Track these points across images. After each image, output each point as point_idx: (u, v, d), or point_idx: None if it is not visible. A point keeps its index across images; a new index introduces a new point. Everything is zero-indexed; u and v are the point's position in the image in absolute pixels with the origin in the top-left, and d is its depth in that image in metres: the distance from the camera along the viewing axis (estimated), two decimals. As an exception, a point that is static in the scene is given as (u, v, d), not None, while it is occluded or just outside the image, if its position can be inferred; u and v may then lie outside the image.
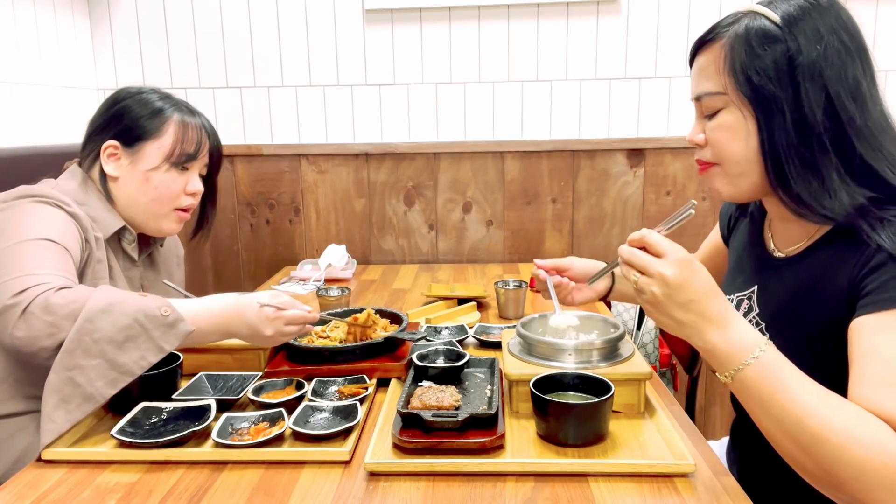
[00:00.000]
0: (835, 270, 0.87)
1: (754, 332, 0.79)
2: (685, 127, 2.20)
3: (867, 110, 0.85)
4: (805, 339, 0.89)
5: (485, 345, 1.34)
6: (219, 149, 1.41)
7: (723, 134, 0.91)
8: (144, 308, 0.99)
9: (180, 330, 1.01)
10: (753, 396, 0.78)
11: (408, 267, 2.26)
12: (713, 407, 2.36)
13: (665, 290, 0.78)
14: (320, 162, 2.29)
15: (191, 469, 0.89)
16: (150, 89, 1.35)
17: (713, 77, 0.91)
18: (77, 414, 0.95)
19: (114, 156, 1.29)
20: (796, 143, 0.85)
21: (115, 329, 0.96)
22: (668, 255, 0.79)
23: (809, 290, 0.91)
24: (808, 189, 0.86)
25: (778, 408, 0.76)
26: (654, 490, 0.82)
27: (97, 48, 2.25)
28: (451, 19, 2.18)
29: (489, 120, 2.24)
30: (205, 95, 2.26)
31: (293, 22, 2.21)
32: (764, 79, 0.86)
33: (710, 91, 0.91)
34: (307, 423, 0.97)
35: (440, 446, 0.89)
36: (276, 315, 1.08)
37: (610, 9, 2.15)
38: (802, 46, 0.84)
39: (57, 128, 2.04)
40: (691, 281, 0.78)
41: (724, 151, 0.92)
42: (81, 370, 0.95)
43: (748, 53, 0.87)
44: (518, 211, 2.29)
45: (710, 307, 0.78)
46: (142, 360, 0.98)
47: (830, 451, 0.72)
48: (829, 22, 0.86)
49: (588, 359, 1.03)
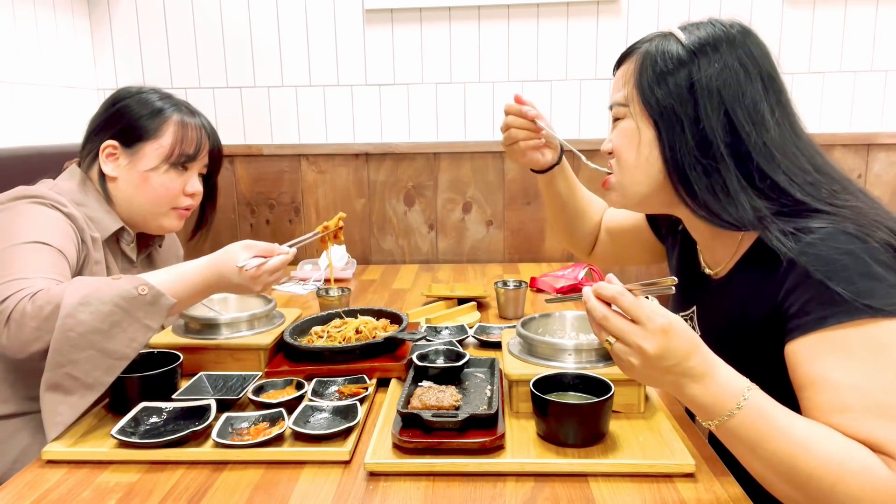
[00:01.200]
0: (759, 291, 0.88)
1: (736, 378, 0.77)
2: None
3: (766, 129, 0.88)
4: (743, 359, 0.86)
5: (485, 345, 1.34)
6: (219, 149, 1.40)
7: (621, 140, 0.97)
8: (122, 292, 0.99)
9: (162, 305, 1.02)
10: (742, 442, 0.76)
11: (408, 267, 2.26)
12: (713, 407, 2.36)
13: (644, 360, 0.76)
14: (320, 162, 2.29)
15: (191, 469, 0.89)
16: (150, 89, 1.34)
17: (622, 88, 0.96)
18: (81, 404, 0.96)
19: (112, 156, 1.29)
20: (697, 155, 0.89)
21: (97, 319, 0.96)
22: (646, 325, 0.75)
23: (740, 311, 0.92)
24: (714, 197, 0.89)
25: (769, 452, 0.74)
26: (654, 490, 0.82)
27: (97, 48, 2.25)
28: (451, 19, 2.18)
29: (489, 120, 2.24)
30: (205, 95, 2.26)
31: (293, 22, 2.21)
32: (665, 95, 0.90)
33: (618, 101, 0.97)
34: (307, 423, 0.97)
35: (440, 446, 0.89)
36: (258, 272, 1.11)
37: (610, 9, 2.15)
38: (702, 69, 0.89)
39: (57, 128, 2.04)
40: (670, 349, 0.74)
41: (618, 156, 0.98)
42: (75, 364, 0.96)
43: (653, 70, 0.92)
44: (518, 211, 2.29)
45: (690, 367, 0.76)
46: (132, 342, 0.99)
47: (826, 487, 0.72)
48: (735, 51, 0.90)
49: (588, 359, 1.03)
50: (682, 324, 0.76)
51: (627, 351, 0.76)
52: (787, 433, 0.74)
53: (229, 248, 1.13)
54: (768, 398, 0.77)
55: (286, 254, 1.15)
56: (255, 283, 1.11)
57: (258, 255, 1.12)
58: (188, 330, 1.24)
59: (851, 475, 0.71)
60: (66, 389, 0.96)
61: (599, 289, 0.78)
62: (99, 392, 0.97)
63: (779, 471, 0.74)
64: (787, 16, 2.12)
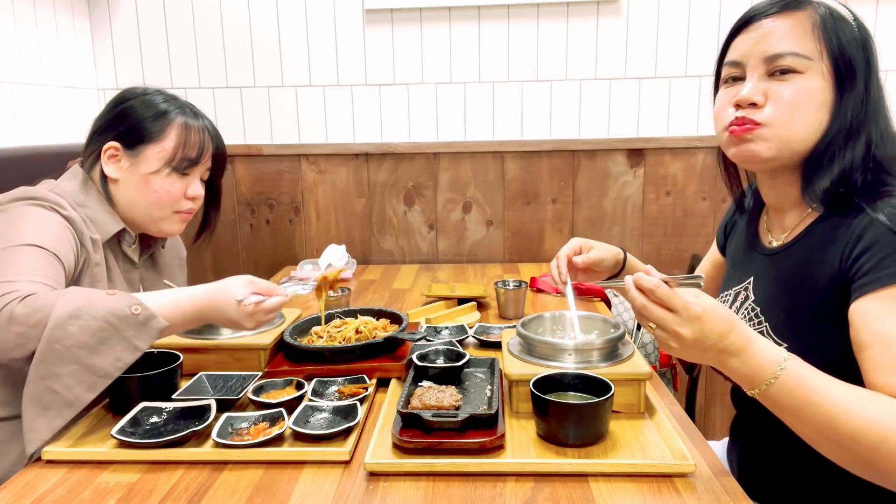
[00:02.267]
0: (825, 251, 0.91)
1: (774, 350, 0.82)
2: (685, 127, 2.21)
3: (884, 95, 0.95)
4: (797, 321, 0.92)
5: (485, 345, 1.34)
6: (222, 152, 1.40)
7: (801, 97, 0.92)
8: (114, 308, 0.97)
9: (153, 327, 0.99)
10: (785, 407, 0.81)
11: (408, 267, 2.26)
12: (713, 407, 2.36)
13: (682, 344, 0.82)
14: (320, 162, 2.29)
15: (191, 469, 0.89)
16: (155, 90, 1.34)
17: (802, 40, 0.92)
18: (58, 421, 0.93)
19: (114, 157, 1.28)
20: (861, 117, 0.91)
21: (86, 333, 0.94)
22: (681, 313, 0.81)
23: (801, 273, 0.94)
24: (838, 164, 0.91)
25: (811, 414, 0.79)
26: (654, 490, 0.82)
27: (97, 48, 2.25)
28: (451, 19, 2.18)
29: (489, 120, 2.24)
30: (205, 95, 2.26)
31: (293, 22, 2.21)
32: (852, 51, 0.91)
33: (798, 52, 0.91)
34: (307, 423, 0.97)
35: (440, 446, 0.89)
36: (255, 309, 1.09)
37: (610, 9, 2.15)
38: (869, 37, 0.94)
39: (57, 128, 2.04)
40: (705, 332, 0.80)
41: (793, 114, 0.92)
42: (57, 378, 0.93)
43: (839, 28, 0.91)
44: (518, 211, 2.29)
45: (727, 344, 0.81)
46: (118, 361, 0.97)
47: (871, 445, 0.75)
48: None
49: (588, 359, 1.03)
50: (717, 307, 0.81)
51: (667, 336, 0.83)
52: (826, 397, 0.78)
53: (230, 280, 1.11)
54: (807, 366, 0.81)
55: (285, 296, 1.13)
56: (250, 319, 1.09)
57: (257, 292, 1.10)
58: (188, 330, 1.24)
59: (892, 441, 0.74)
60: (44, 404, 0.93)
61: (639, 280, 0.84)
62: (78, 409, 0.95)
63: (823, 433, 0.78)
64: (787, 16, 2.12)
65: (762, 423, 1.07)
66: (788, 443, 1.00)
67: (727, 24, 1.02)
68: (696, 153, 2.20)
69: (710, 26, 2.13)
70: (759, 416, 1.07)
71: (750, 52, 0.95)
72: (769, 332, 0.97)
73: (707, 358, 0.83)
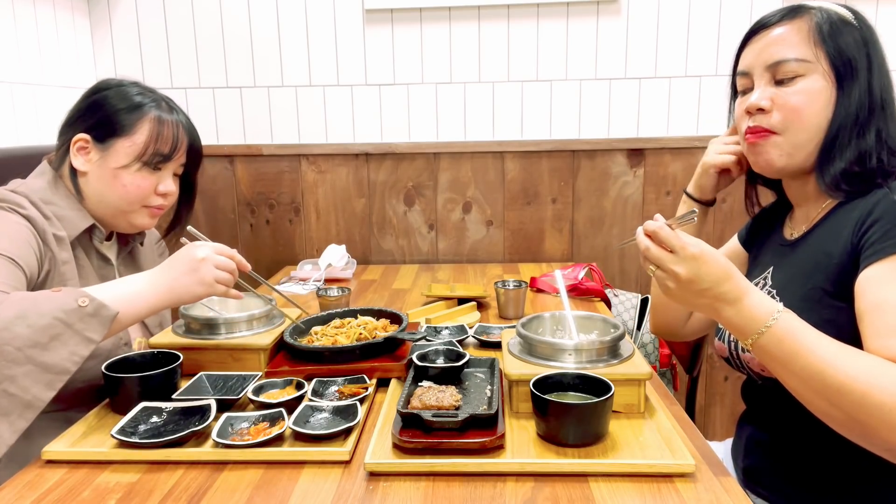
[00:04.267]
0: (841, 230, 0.94)
1: (769, 302, 0.85)
2: (685, 127, 2.21)
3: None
4: (811, 297, 0.95)
5: (485, 345, 1.34)
6: (198, 148, 1.36)
7: (804, 98, 0.97)
8: (61, 304, 0.96)
9: (104, 316, 0.98)
10: (775, 358, 0.84)
11: (408, 267, 2.26)
12: (713, 407, 2.36)
13: (678, 284, 0.86)
14: (320, 162, 2.29)
15: (191, 469, 0.89)
16: (130, 82, 1.30)
17: (799, 46, 0.98)
18: (21, 423, 0.92)
19: (83, 150, 1.25)
20: (865, 112, 0.96)
21: (35, 332, 0.93)
22: (679, 252, 0.85)
23: (818, 253, 0.97)
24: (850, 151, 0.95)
25: (799, 366, 0.82)
26: (654, 490, 0.82)
27: (97, 48, 2.25)
28: (451, 19, 2.18)
29: (489, 120, 2.24)
30: (205, 95, 2.26)
31: (293, 22, 2.21)
32: (851, 51, 0.97)
33: (798, 57, 0.98)
34: (307, 423, 0.97)
35: (440, 446, 0.89)
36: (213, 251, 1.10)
37: (610, 9, 2.15)
38: (866, 28, 1.00)
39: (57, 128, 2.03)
40: (700, 274, 0.84)
41: (801, 116, 0.98)
42: (12, 380, 0.92)
43: (837, 30, 0.98)
44: (518, 211, 2.29)
45: (723, 291, 0.85)
46: (73, 355, 0.95)
47: (855, 399, 0.77)
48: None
49: (588, 359, 1.03)
50: (715, 253, 0.85)
51: (664, 276, 0.87)
52: (815, 350, 0.81)
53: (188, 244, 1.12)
54: (800, 321, 0.84)
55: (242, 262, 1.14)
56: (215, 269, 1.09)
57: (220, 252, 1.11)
58: (188, 330, 1.24)
59: (882, 389, 0.76)
60: (3, 408, 0.91)
61: (646, 225, 0.89)
62: (39, 409, 0.94)
63: (811, 386, 0.82)
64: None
65: (771, 417, 1.07)
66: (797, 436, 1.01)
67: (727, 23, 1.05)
68: (696, 153, 2.20)
69: (710, 26, 2.13)
70: (770, 409, 1.08)
71: (755, 61, 1.02)
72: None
73: (702, 304, 0.87)
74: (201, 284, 1.10)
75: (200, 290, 1.10)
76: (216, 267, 1.11)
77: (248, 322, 1.25)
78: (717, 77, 2.17)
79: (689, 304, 0.89)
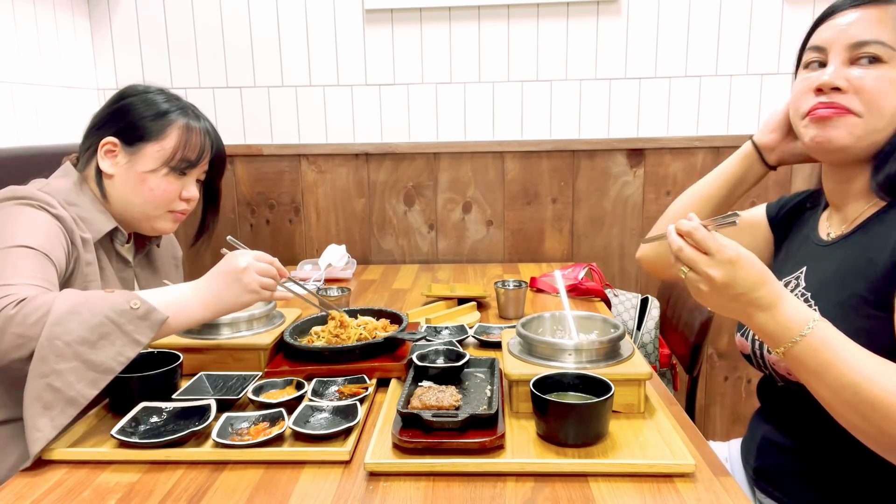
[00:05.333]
0: (888, 237, 0.90)
1: (804, 310, 0.82)
2: (685, 127, 2.21)
3: None
4: (849, 304, 0.91)
5: (485, 345, 1.34)
6: (221, 154, 1.39)
7: (884, 85, 0.92)
8: (113, 304, 0.97)
9: (153, 320, 0.99)
10: (808, 369, 0.81)
11: (408, 267, 2.26)
12: (713, 407, 2.36)
13: (712, 288, 0.83)
14: (320, 162, 2.29)
15: (191, 469, 0.89)
16: (157, 89, 1.33)
17: (887, 31, 0.93)
18: (61, 419, 0.93)
19: (111, 153, 1.27)
20: None
21: (86, 329, 0.94)
22: (715, 255, 0.81)
23: (859, 258, 0.94)
24: None
25: (833, 378, 0.79)
26: (654, 490, 0.82)
27: (97, 48, 2.25)
28: (451, 19, 2.18)
29: (489, 120, 2.24)
30: (205, 95, 2.26)
31: (293, 22, 2.21)
32: None
33: (884, 41, 0.92)
34: (307, 423, 0.97)
35: (440, 446, 0.89)
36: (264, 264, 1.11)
37: (610, 9, 2.15)
38: None
39: (57, 128, 2.04)
40: (737, 279, 0.81)
41: (880, 102, 0.93)
42: (59, 375, 0.93)
43: None
44: (518, 211, 2.29)
45: (758, 297, 0.82)
46: (119, 355, 0.96)
47: (889, 415, 0.75)
48: None
49: (588, 359, 1.03)
50: (752, 258, 0.82)
51: (698, 279, 0.83)
52: (851, 363, 0.78)
53: (229, 254, 1.13)
54: (837, 331, 0.81)
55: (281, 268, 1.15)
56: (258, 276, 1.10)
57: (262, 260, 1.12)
58: (188, 330, 1.24)
59: None
60: (46, 402, 0.92)
61: (679, 224, 0.85)
62: (81, 406, 0.94)
63: (843, 398, 0.78)
64: (786, 16, 2.12)
65: (791, 420, 1.06)
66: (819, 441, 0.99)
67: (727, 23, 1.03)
68: (696, 153, 2.20)
69: (710, 26, 2.13)
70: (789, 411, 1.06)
71: (834, 38, 0.96)
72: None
73: (735, 309, 0.83)
74: (248, 293, 1.10)
75: (247, 298, 1.11)
76: (259, 273, 1.11)
77: (248, 322, 1.25)
78: (717, 77, 2.17)
79: (721, 307, 0.85)
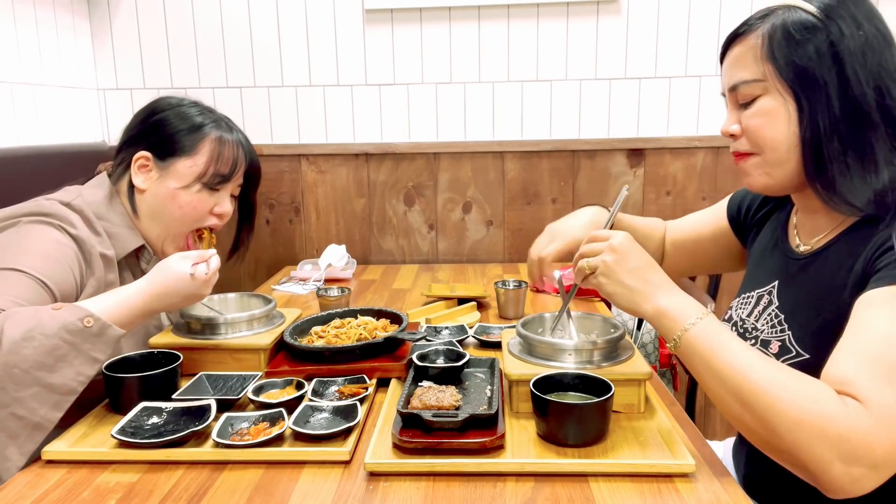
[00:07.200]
0: (853, 259, 0.89)
1: (696, 302, 0.90)
2: (685, 127, 2.21)
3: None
4: (824, 328, 0.90)
5: (485, 345, 1.34)
6: (256, 166, 1.37)
7: (761, 119, 0.93)
8: (66, 323, 0.95)
9: (109, 336, 0.99)
10: (699, 355, 0.85)
11: (408, 267, 2.26)
12: (713, 407, 2.36)
13: (613, 256, 0.93)
14: (320, 162, 2.29)
15: (191, 469, 0.89)
16: (190, 102, 1.31)
17: (750, 65, 0.93)
18: (29, 446, 0.92)
19: (145, 167, 1.26)
20: (841, 124, 0.87)
21: (42, 353, 0.92)
22: (607, 237, 0.96)
23: (829, 280, 0.92)
24: (845, 173, 0.88)
25: (719, 365, 0.83)
26: (654, 490, 0.82)
27: (97, 48, 2.25)
28: (451, 19, 2.18)
29: (489, 120, 2.24)
30: (205, 95, 2.24)
31: (293, 22, 2.21)
32: (807, 63, 0.88)
33: (748, 79, 0.93)
34: (307, 423, 0.97)
35: (440, 446, 0.89)
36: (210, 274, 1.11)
37: (610, 9, 2.15)
38: (844, 32, 0.87)
39: (57, 128, 2.04)
40: (634, 249, 0.93)
41: (764, 137, 0.93)
42: (20, 403, 0.92)
43: (788, 41, 0.89)
44: (518, 211, 2.29)
45: (655, 276, 0.92)
46: (79, 375, 0.96)
47: (768, 404, 0.77)
48: (863, 11, 0.89)
49: (588, 359, 1.03)
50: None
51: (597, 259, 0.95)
52: (735, 352, 0.83)
53: (165, 262, 1.10)
54: (725, 327, 0.87)
55: (216, 255, 1.15)
56: (207, 286, 1.10)
57: (197, 261, 1.11)
58: (188, 330, 1.24)
59: (795, 398, 0.76)
60: (11, 432, 0.91)
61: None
62: (47, 430, 0.93)
63: (728, 386, 0.82)
64: (787, 16, 2.12)
65: None
66: None
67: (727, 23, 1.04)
68: (696, 153, 2.20)
69: (710, 26, 2.13)
70: None
71: (722, 85, 1.01)
72: (791, 341, 0.94)
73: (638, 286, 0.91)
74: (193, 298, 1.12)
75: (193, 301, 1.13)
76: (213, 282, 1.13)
77: (248, 322, 1.25)
78: (717, 77, 2.16)
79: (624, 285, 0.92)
